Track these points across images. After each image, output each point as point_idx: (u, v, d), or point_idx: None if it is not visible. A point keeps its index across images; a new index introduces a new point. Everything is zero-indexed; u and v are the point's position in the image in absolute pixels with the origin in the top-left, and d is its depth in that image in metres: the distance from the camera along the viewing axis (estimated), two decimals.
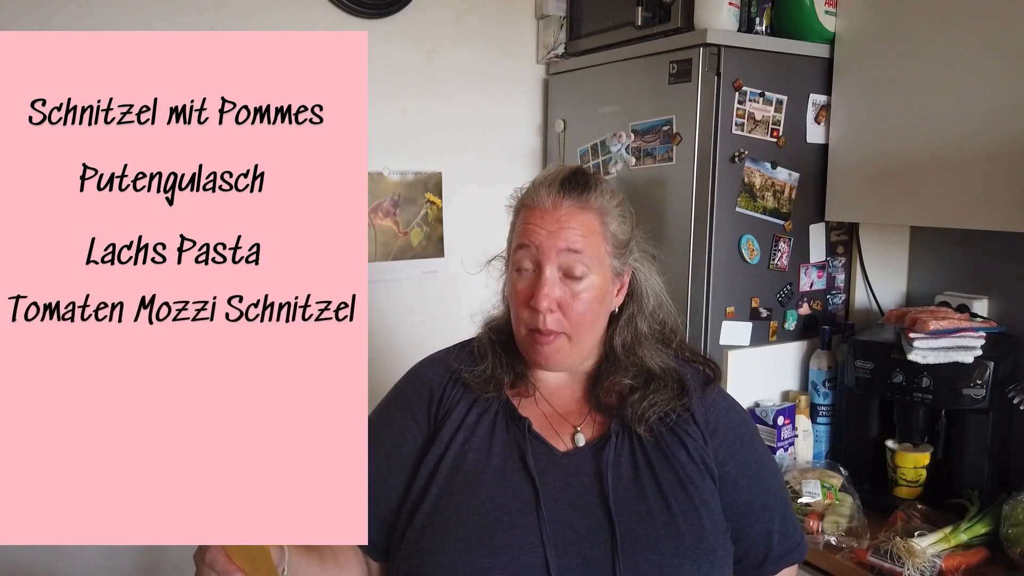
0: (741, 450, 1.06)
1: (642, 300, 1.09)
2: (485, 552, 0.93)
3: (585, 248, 1.00)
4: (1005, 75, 1.48)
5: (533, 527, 0.94)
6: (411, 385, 1.10)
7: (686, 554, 0.94)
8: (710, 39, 1.68)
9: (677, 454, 1.01)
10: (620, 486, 0.98)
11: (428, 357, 1.14)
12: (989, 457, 1.59)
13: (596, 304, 1.02)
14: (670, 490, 0.98)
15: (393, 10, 1.98)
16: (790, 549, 1.08)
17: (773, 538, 1.06)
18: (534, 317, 1.00)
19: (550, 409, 1.06)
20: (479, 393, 1.05)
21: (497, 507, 0.96)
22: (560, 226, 1.00)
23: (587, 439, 1.03)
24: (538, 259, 1.00)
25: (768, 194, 1.78)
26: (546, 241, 0.99)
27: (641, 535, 0.94)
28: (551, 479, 0.98)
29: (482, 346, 1.09)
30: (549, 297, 0.99)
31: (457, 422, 1.03)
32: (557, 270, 1.00)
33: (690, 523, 0.96)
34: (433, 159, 2.09)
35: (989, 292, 1.81)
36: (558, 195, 1.01)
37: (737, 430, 1.07)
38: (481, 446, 1.01)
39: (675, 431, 1.02)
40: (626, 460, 1.00)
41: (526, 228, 1.01)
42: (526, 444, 1.00)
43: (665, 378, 1.05)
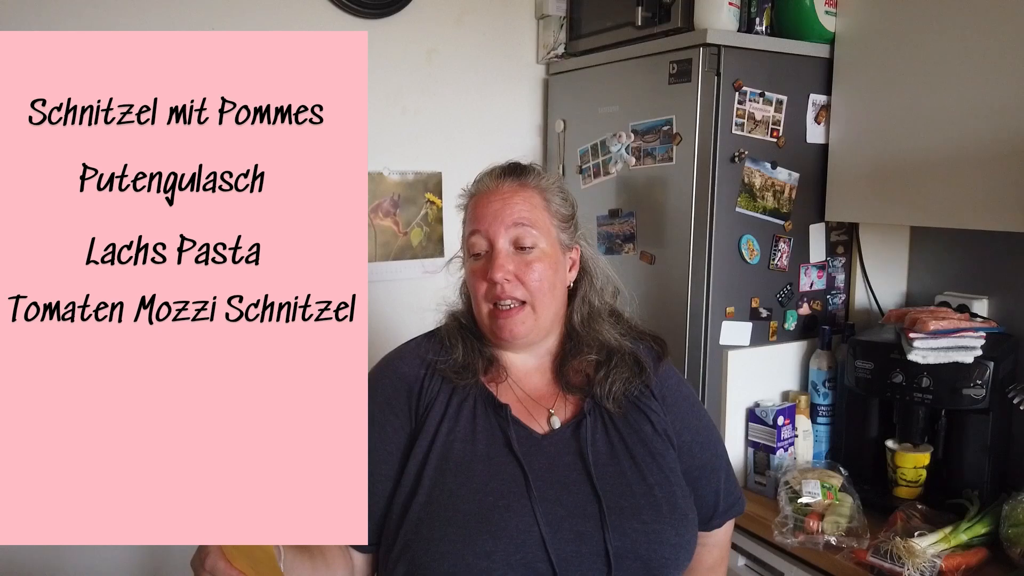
0: (693, 419, 1.15)
1: (593, 277, 1.16)
2: (487, 536, 0.96)
3: (531, 219, 1.07)
4: (1005, 75, 1.48)
5: (526, 508, 0.98)
6: (385, 379, 1.11)
7: (664, 520, 1.02)
8: (710, 39, 1.68)
9: (644, 428, 1.08)
10: (599, 462, 1.04)
11: (396, 350, 1.17)
12: (989, 457, 1.59)
13: (550, 272, 1.08)
14: (643, 462, 1.05)
15: (393, 10, 1.99)
16: (733, 503, 1.20)
17: (720, 495, 1.17)
18: (493, 290, 1.06)
19: (523, 393, 1.10)
20: (456, 382, 1.08)
21: (491, 492, 0.99)
22: (504, 202, 1.07)
23: (562, 420, 1.08)
24: (489, 237, 1.07)
25: (768, 194, 1.78)
26: (494, 219, 1.07)
27: (625, 506, 1.01)
28: (536, 461, 1.03)
29: (451, 332, 1.13)
30: (504, 268, 1.05)
31: (440, 413, 1.06)
32: (509, 243, 1.07)
33: (664, 491, 1.04)
34: (433, 159, 2.09)
35: (989, 292, 1.81)
36: (500, 179, 1.11)
37: (688, 400, 1.17)
38: (466, 435, 1.04)
39: (638, 406, 1.10)
40: (601, 437, 1.07)
41: (475, 214, 1.10)
42: (509, 429, 1.04)
43: (623, 353, 1.12)
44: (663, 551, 1.00)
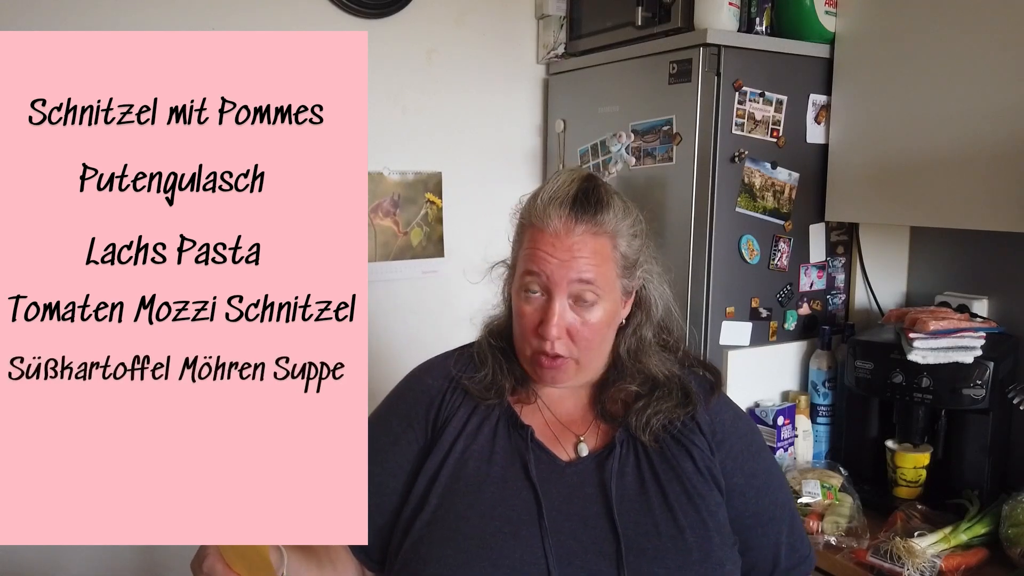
0: (748, 461, 1.03)
1: (650, 310, 1.07)
2: (485, 564, 0.90)
3: (597, 277, 0.97)
4: (1005, 75, 1.48)
5: (535, 538, 0.92)
6: (409, 391, 1.08)
7: (693, 568, 0.92)
8: (710, 39, 1.68)
9: (683, 465, 0.98)
10: (625, 497, 0.96)
11: (427, 362, 1.12)
12: (989, 457, 1.59)
13: (605, 328, 1.01)
14: (676, 502, 0.96)
15: (393, 10, 1.99)
16: (798, 562, 1.05)
17: (781, 550, 1.03)
18: (542, 344, 0.98)
19: (552, 417, 1.04)
20: (480, 400, 1.03)
21: (498, 517, 0.94)
22: (572, 255, 0.95)
23: (590, 448, 1.01)
24: (548, 287, 0.97)
25: (768, 194, 1.78)
26: (557, 271, 0.95)
27: (647, 548, 0.92)
28: (553, 489, 0.96)
29: (482, 351, 1.07)
30: (559, 327, 0.96)
31: (457, 429, 1.01)
32: (567, 298, 0.97)
33: (697, 536, 0.94)
34: (433, 159, 2.09)
35: (989, 292, 1.81)
36: (569, 218, 0.96)
37: (744, 440, 1.05)
38: (482, 454, 0.99)
39: (681, 441, 1.00)
40: (631, 471, 0.98)
41: (535, 255, 0.97)
42: (528, 453, 0.98)
43: (670, 386, 1.03)
44: None
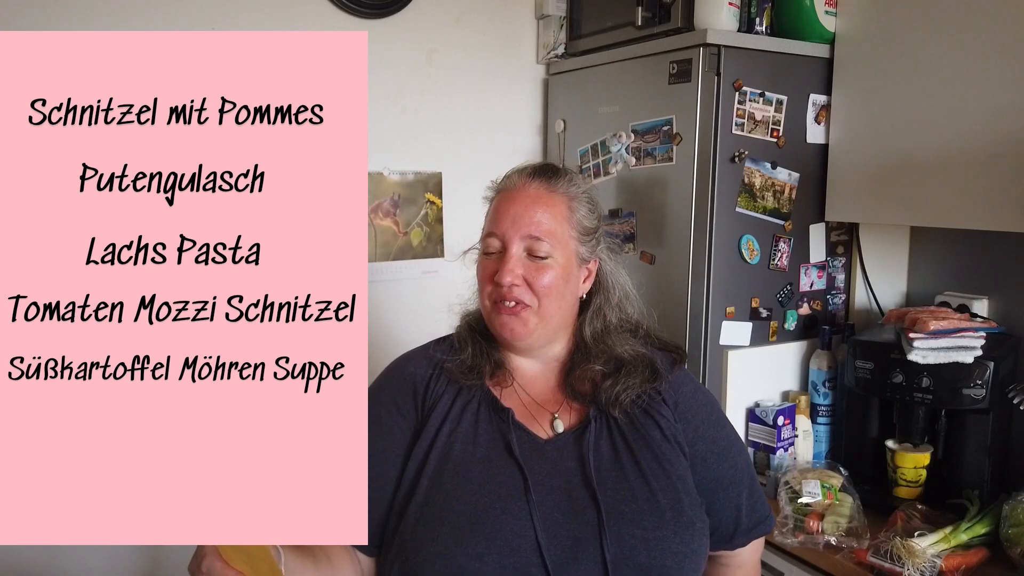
0: (709, 429, 1.12)
1: (609, 291, 1.15)
2: (479, 538, 0.95)
3: (549, 230, 1.05)
4: (1005, 75, 1.48)
5: (523, 512, 0.97)
6: (393, 381, 1.12)
7: (668, 527, 0.99)
8: (710, 39, 1.68)
9: (652, 433, 1.06)
10: (602, 467, 1.02)
11: (406, 354, 1.17)
12: (989, 457, 1.59)
13: (560, 281, 1.06)
14: (648, 468, 1.03)
15: (393, 10, 1.99)
16: (758, 522, 1.15)
17: (742, 512, 1.12)
18: (498, 291, 1.05)
19: (528, 398, 1.10)
20: (462, 382, 1.08)
21: (487, 494, 0.99)
22: (526, 208, 1.05)
23: (566, 426, 1.07)
24: (504, 240, 1.05)
25: (768, 194, 1.78)
26: (512, 225, 1.05)
27: (625, 512, 0.99)
28: (536, 465, 1.02)
29: (461, 335, 1.13)
30: (512, 272, 1.04)
31: (443, 414, 1.06)
32: (522, 250, 1.05)
33: (669, 498, 1.01)
34: (433, 159, 2.09)
35: (989, 292, 1.81)
36: (529, 178, 1.08)
37: (704, 409, 1.13)
38: (467, 437, 1.04)
39: (648, 412, 1.08)
40: (605, 443, 1.05)
41: (496, 213, 1.07)
42: (510, 433, 1.04)
43: (635, 363, 1.10)
44: (665, 559, 0.98)
